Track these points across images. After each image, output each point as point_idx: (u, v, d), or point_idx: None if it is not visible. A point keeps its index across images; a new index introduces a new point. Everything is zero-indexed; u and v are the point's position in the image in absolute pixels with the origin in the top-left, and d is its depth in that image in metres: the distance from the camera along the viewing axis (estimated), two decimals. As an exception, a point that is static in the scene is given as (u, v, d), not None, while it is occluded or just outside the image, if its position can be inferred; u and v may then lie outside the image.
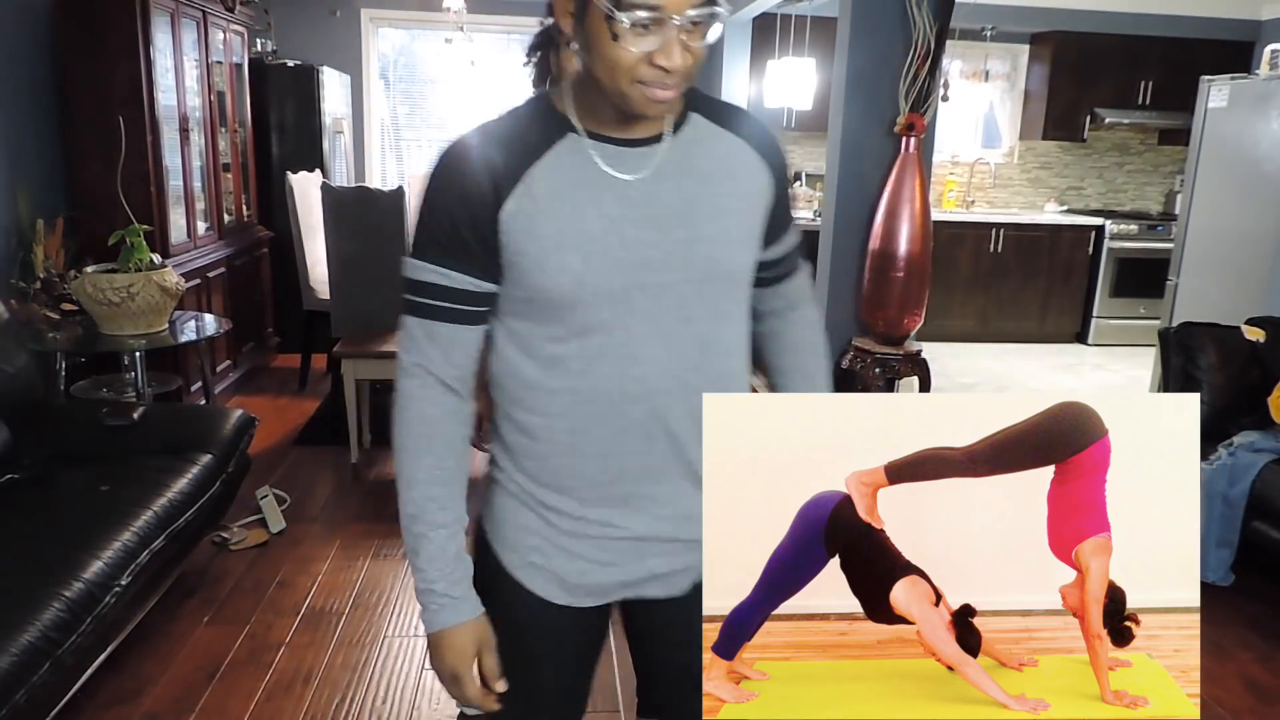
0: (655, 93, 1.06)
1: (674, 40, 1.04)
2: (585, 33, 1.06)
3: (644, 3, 1.01)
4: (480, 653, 1.21)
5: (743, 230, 1.21)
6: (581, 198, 1.12)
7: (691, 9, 1.03)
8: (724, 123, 1.22)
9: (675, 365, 1.17)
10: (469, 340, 1.19)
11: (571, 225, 1.12)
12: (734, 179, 1.20)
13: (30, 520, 2.35)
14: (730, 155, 1.20)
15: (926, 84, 3.81)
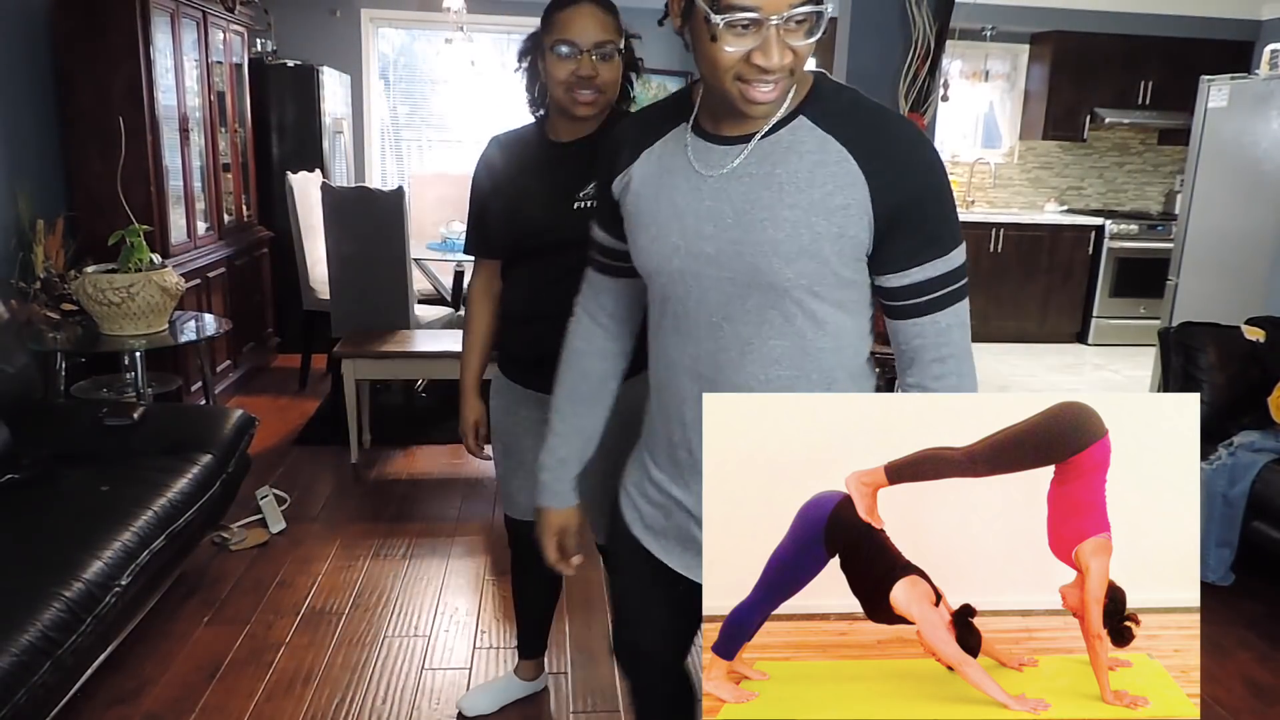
0: (754, 91, 1.09)
1: (773, 39, 1.05)
2: (691, 32, 1.11)
3: (741, 4, 1.03)
4: (561, 534, 1.51)
5: (797, 245, 1.15)
6: (665, 184, 1.23)
7: (790, 8, 1.04)
8: (836, 129, 1.15)
9: (719, 358, 1.25)
10: (610, 288, 1.42)
11: (650, 207, 1.25)
12: (808, 190, 1.14)
13: (30, 520, 2.35)
14: (819, 166, 1.14)
15: (926, 84, 3.81)
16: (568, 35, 1.72)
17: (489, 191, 1.94)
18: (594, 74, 1.74)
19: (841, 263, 1.17)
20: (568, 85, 1.74)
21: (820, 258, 1.16)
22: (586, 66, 1.73)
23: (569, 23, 1.73)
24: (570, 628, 2.79)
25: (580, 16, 1.73)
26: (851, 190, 1.14)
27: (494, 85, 6.76)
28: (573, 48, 1.72)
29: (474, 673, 2.56)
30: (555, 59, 1.74)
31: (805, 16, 1.06)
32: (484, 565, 3.18)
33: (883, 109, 1.21)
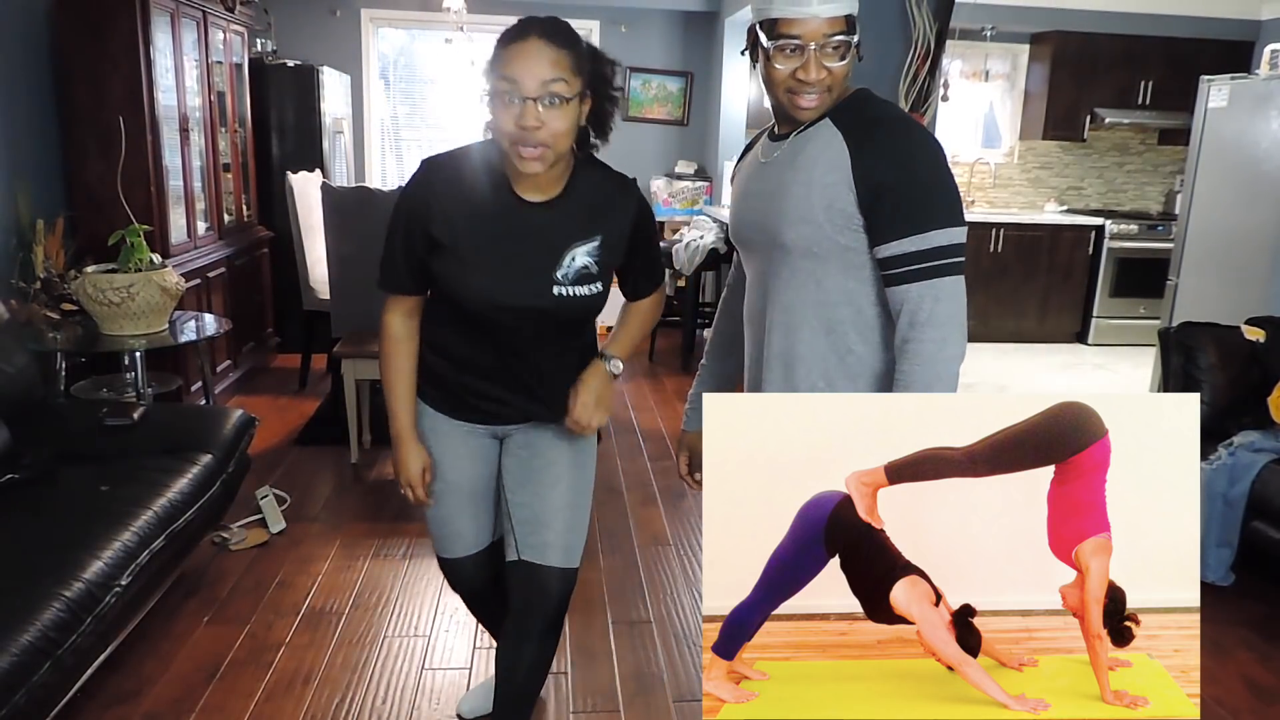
0: (799, 99, 1.47)
1: (812, 60, 1.43)
2: (757, 59, 1.52)
3: (787, 33, 1.42)
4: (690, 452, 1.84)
5: (798, 213, 1.47)
6: (742, 174, 1.68)
7: (825, 36, 1.42)
8: (844, 125, 1.46)
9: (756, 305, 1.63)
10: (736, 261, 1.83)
11: (738, 190, 1.68)
12: (811, 170, 1.46)
13: (30, 520, 2.35)
14: (823, 152, 1.46)
15: (926, 84, 3.81)
16: (509, 72, 1.49)
17: (426, 233, 1.67)
18: (538, 124, 1.49)
19: (835, 229, 1.45)
20: (512, 138, 1.52)
21: (815, 223, 1.46)
22: (531, 115, 1.49)
23: (513, 58, 1.50)
24: (570, 628, 2.79)
25: (525, 56, 1.49)
26: (839, 170, 1.43)
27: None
28: (513, 91, 1.49)
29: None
30: (495, 99, 1.51)
31: (839, 43, 1.43)
32: (484, 565, 3.17)
33: (889, 110, 1.50)
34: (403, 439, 1.82)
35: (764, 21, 1.45)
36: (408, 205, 1.69)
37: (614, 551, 3.29)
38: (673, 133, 6.96)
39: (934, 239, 1.39)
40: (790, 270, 1.52)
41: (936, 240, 1.39)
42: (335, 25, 6.45)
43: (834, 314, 1.51)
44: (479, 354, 1.78)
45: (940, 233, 1.39)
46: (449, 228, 1.66)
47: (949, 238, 1.40)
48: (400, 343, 1.80)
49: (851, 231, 1.45)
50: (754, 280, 1.64)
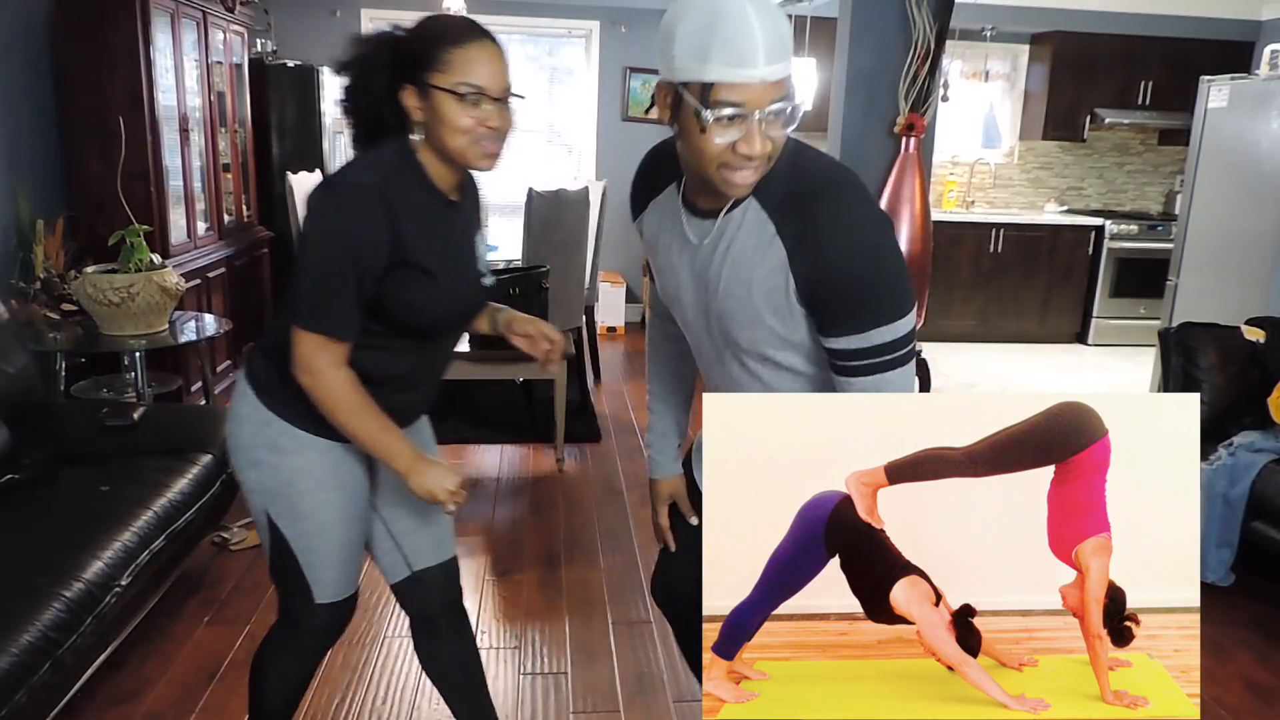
0: (736, 176, 1.23)
1: (755, 131, 1.19)
2: (679, 123, 1.24)
3: (728, 100, 1.17)
4: (672, 499, 1.71)
5: (746, 316, 1.33)
6: (665, 243, 1.45)
7: (771, 103, 1.18)
8: (775, 214, 1.28)
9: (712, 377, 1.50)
10: None
11: (654, 256, 1.49)
12: (751, 269, 1.30)
13: (30, 520, 2.35)
14: (759, 247, 1.29)
15: (926, 84, 3.81)
16: (473, 79, 1.48)
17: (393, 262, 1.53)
18: (500, 125, 1.53)
19: (788, 330, 1.33)
20: (474, 136, 1.51)
21: (766, 327, 1.33)
22: (495, 116, 1.51)
23: (474, 64, 1.49)
24: (570, 628, 2.79)
25: (489, 58, 1.50)
26: (780, 272, 1.28)
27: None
28: (479, 94, 1.49)
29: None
30: (455, 103, 1.48)
31: (781, 110, 1.20)
32: (484, 565, 3.18)
33: (826, 192, 1.28)
34: (418, 462, 1.62)
35: (693, 84, 1.18)
36: (352, 238, 1.49)
37: (614, 551, 3.29)
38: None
39: (877, 336, 1.26)
40: (755, 365, 1.40)
41: (880, 338, 1.27)
42: (335, 25, 6.44)
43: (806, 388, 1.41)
44: (403, 367, 1.68)
45: (884, 329, 1.26)
46: (417, 248, 1.55)
47: (893, 333, 1.27)
48: (352, 382, 1.57)
49: (803, 327, 1.33)
50: (705, 357, 1.49)
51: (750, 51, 1.14)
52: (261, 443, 1.67)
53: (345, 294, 1.51)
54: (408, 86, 1.51)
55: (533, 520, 3.55)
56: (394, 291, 1.55)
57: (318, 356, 1.53)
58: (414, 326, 1.62)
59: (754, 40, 1.14)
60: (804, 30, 6.19)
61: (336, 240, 1.49)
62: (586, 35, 6.69)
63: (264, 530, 1.73)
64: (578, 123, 6.94)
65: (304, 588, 1.74)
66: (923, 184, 3.88)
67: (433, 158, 1.57)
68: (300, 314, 1.52)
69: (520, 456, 4.22)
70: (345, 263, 1.49)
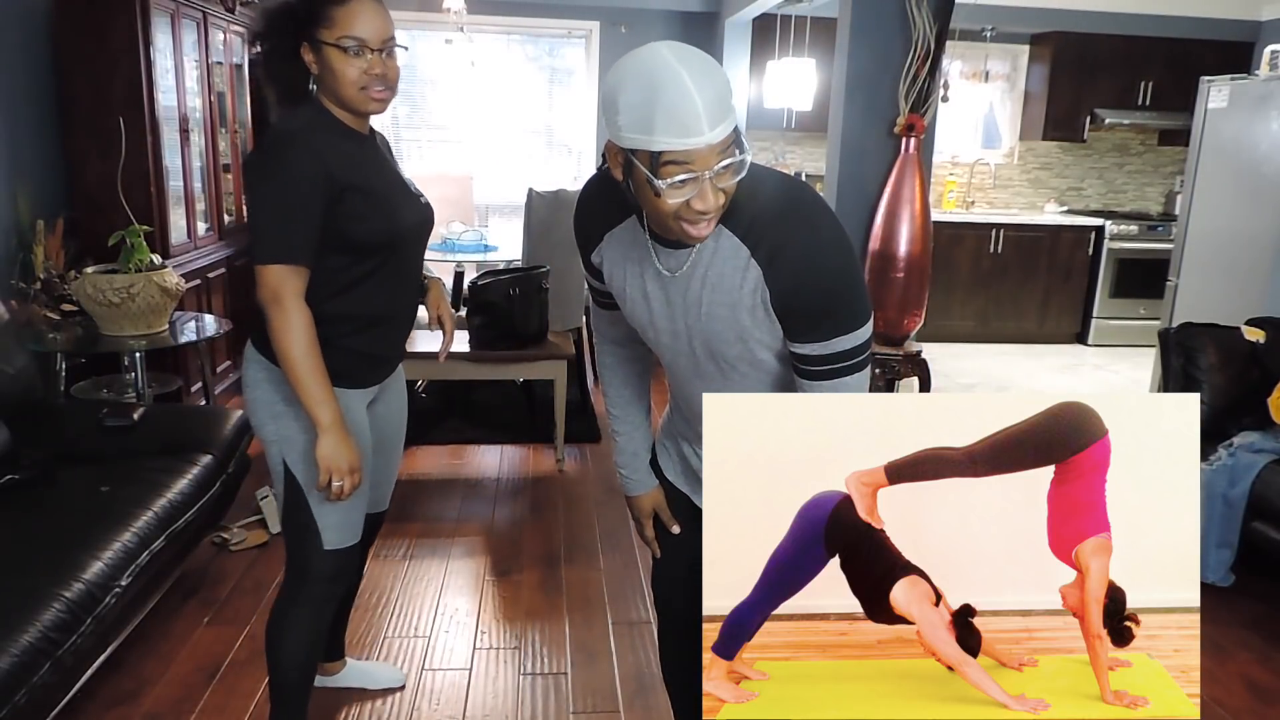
0: (692, 230, 1.28)
1: (706, 188, 1.23)
2: (633, 185, 1.28)
3: (677, 165, 1.20)
4: (656, 511, 1.75)
5: (732, 334, 1.40)
6: (633, 272, 1.46)
7: (718, 163, 1.22)
8: (748, 238, 1.34)
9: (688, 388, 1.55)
10: (611, 318, 1.67)
11: (621, 285, 1.50)
12: (732, 291, 1.36)
13: (30, 520, 2.35)
14: (736, 270, 1.35)
15: (926, 85, 3.81)
16: (355, 32, 1.69)
17: (336, 189, 1.73)
18: (384, 71, 1.73)
19: (773, 340, 1.40)
20: (361, 84, 1.72)
21: (752, 340, 1.40)
22: (379, 65, 1.72)
23: (354, 18, 1.69)
24: (570, 628, 2.79)
25: (369, 12, 1.70)
26: (760, 291, 1.35)
27: (494, 85, 6.76)
28: (361, 45, 1.70)
29: (474, 673, 2.56)
30: (342, 56, 1.70)
31: (731, 164, 1.23)
32: (484, 565, 3.18)
33: (787, 211, 1.34)
34: (339, 425, 1.76)
35: (640, 151, 1.21)
36: (291, 173, 1.68)
37: (614, 551, 3.29)
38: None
39: (838, 344, 1.36)
40: (738, 373, 1.47)
41: (841, 345, 1.36)
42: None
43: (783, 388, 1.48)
44: (385, 301, 1.88)
45: (846, 338, 1.36)
46: (353, 174, 1.75)
47: (853, 340, 1.36)
48: (311, 324, 1.74)
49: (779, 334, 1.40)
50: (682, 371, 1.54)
51: (693, 120, 1.17)
52: (280, 397, 1.85)
53: (298, 223, 1.70)
54: (305, 44, 1.73)
55: (533, 520, 3.55)
56: (345, 214, 1.74)
57: (284, 286, 1.71)
58: (374, 240, 1.80)
59: (695, 109, 1.17)
60: (804, 31, 6.20)
61: (280, 179, 1.69)
62: (586, 36, 6.68)
63: (280, 480, 1.91)
64: (577, 123, 6.94)
65: (313, 534, 1.91)
66: (923, 184, 3.88)
67: (334, 106, 1.78)
68: (260, 251, 1.71)
69: (520, 457, 4.22)
70: (293, 198, 1.69)
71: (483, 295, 3.82)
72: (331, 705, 2.39)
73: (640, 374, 1.78)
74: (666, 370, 1.59)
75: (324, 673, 2.42)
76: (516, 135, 6.93)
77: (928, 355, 3.99)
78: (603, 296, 1.63)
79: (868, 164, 3.95)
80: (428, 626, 2.79)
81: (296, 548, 1.95)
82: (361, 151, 1.82)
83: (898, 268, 3.88)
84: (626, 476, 1.76)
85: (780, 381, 1.47)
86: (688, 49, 1.21)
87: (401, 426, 2.18)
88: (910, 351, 3.94)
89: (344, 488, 1.78)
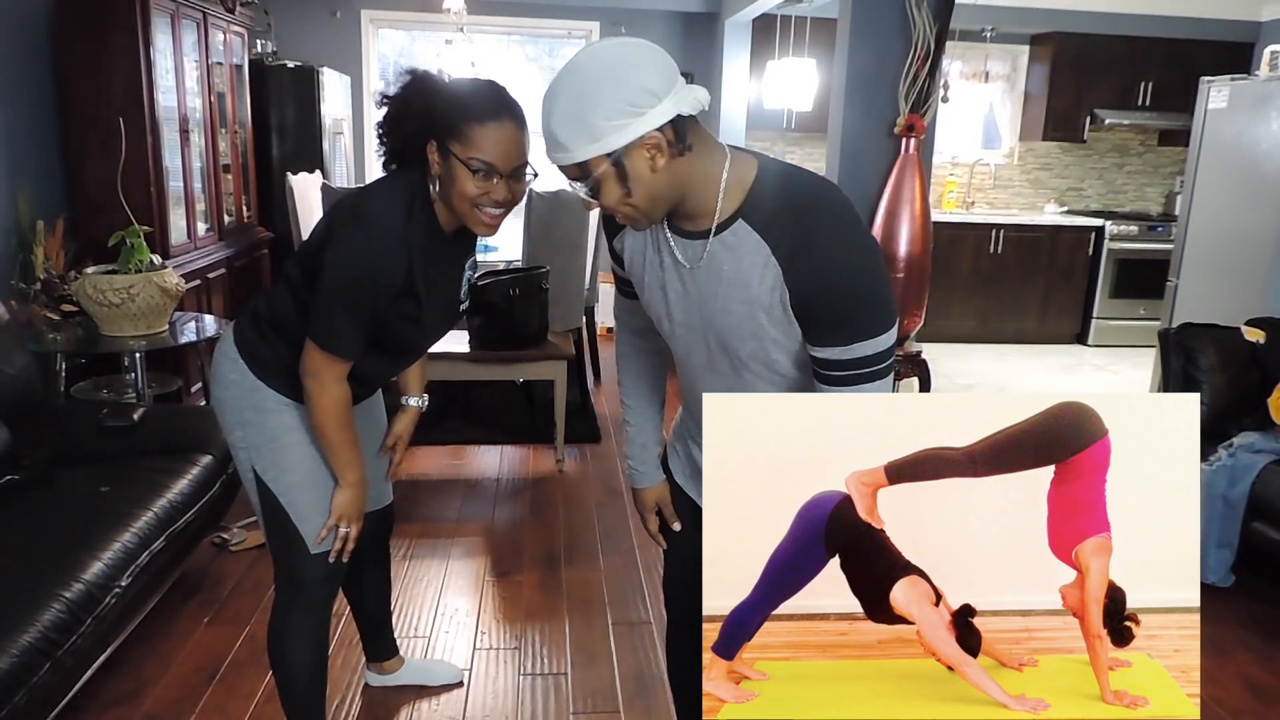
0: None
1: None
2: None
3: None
4: (660, 505, 1.75)
5: (747, 330, 1.38)
6: (652, 262, 1.47)
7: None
8: (767, 233, 1.32)
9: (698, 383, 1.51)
10: (632, 307, 1.66)
11: (639, 275, 1.51)
12: (749, 288, 1.34)
13: (30, 521, 2.35)
14: (754, 266, 1.33)
15: (926, 85, 3.81)
16: (487, 157, 1.60)
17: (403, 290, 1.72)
18: (509, 197, 1.66)
19: (789, 340, 1.37)
20: (476, 202, 1.64)
21: (768, 339, 1.37)
22: (502, 191, 1.64)
23: (488, 142, 1.61)
24: (570, 628, 2.79)
25: (507, 139, 1.62)
26: (778, 289, 1.32)
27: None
28: (491, 170, 1.61)
29: (474, 673, 2.56)
30: (466, 174, 1.61)
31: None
32: (484, 565, 3.18)
33: (812, 209, 1.32)
34: (361, 484, 1.90)
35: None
36: (376, 278, 1.67)
37: (614, 551, 3.29)
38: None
39: (860, 349, 1.32)
40: (751, 373, 1.44)
41: (862, 351, 1.32)
42: (335, 26, 6.45)
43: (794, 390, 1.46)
44: (371, 370, 1.88)
45: (866, 343, 1.32)
46: (421, 281, 1.73)
47: (875, 346, 1.32)
48: (347, 398, 1.80)
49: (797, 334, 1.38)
50: (694, 366, 1.52)
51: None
52: (249, 405, 1.87)
53: (358, 324, 1.71)
54: (432, 141, 1.65)
55: (532, 521, 3.55)
56: (393, 311, 1.73)
57: (326, 370, 1.75)
58: (393, 346, 1.84)
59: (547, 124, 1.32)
60: (804, 31, 6.20)
61: (362, 278, 1.67)
62: (586, 36, 6.69)
63: (252, 487, 1.91)
64: (578, 123, 6.93)
65: (297, 540, 1.90)
66: (923, 185, 3.88)
67: (442, 208, 1.73)
68: (318, 333, 1.72)
69: (520, 457, 4.22)
70: (365, 298, 1.68)
71: (483, 295, 3.82)
72: (332, 705, 2.38)
73: (657, 368, 1.76)
74: (679, 365, 1.57)
75: (381, 671, 2.46)
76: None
77: (928, 355, 3.99)
78: (625, 284, 1.63)
79: (868, 164, 3.95)
80: (428, 627, 2.78)
81: (282, 555, 1.94)
82: (440, 255, 1.77)
83: (898, 268, 3.88)
84: (634, 468, 1.76)
85: (794, 388, 1.44)
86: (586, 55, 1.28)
87: (380, 426, 2.19)
88: (910, 351, 3.94)
89: (350, 535, 1.91)
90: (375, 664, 2.46)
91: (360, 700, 2.42)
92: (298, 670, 2.00)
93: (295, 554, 1.92)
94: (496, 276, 3.92)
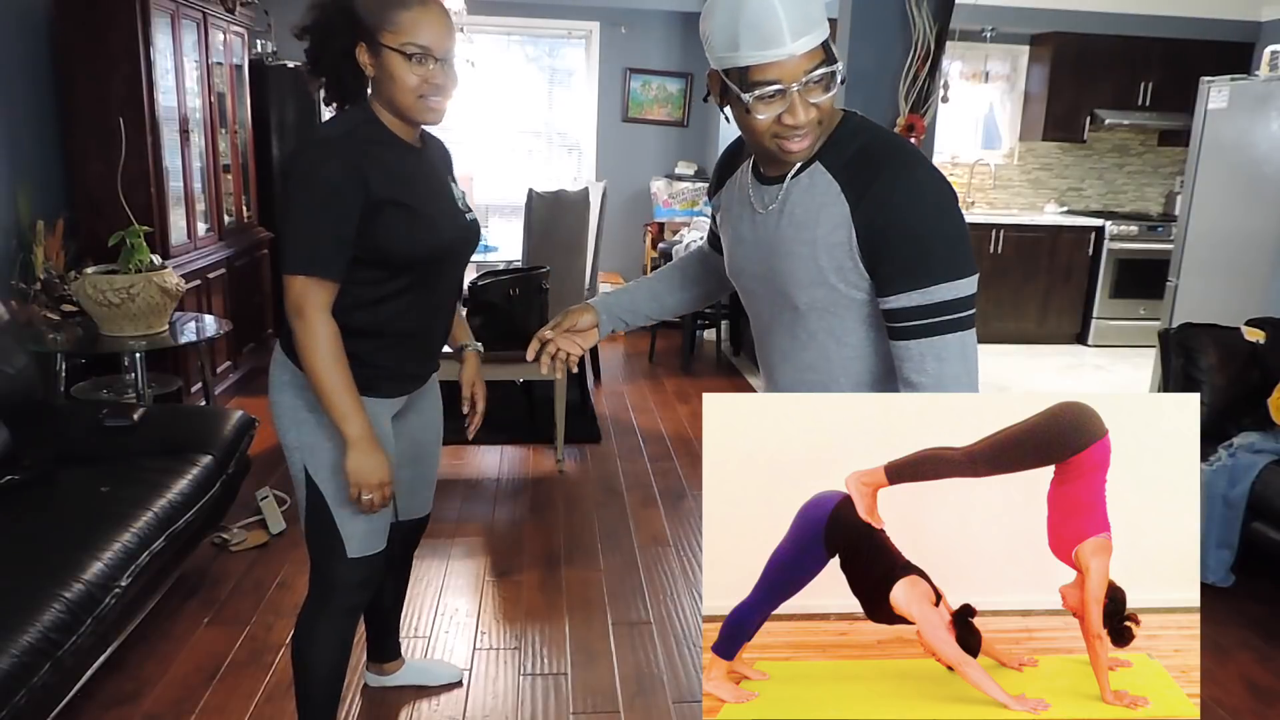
0: (789, 144, 1.31)
1: (796, 102, 1.27)
2: (731, 108, 1.33)
3: (764, 79, 1.25)
4: (571, 324, 1.68)
5: (808, 275, 1.36)
6: (735, 213, 1.50)
7: (805, 74, 1.25)
8: (841, 175, 1.33)
9: (770, 359, 1.53)
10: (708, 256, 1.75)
11: (725, 229, 1.54)
12: (813, 228, 1.34)
13: (30, 521, 2.35)
14: (823, 207, 1.33)
15: (926, 85, 3.81)
16: (420, 39, 1.63)
17: (373, 203, 1.68)
18: (445, 81, 1.68)
19: (849, 288, 1.35)
20: (419, 92, 1.66)
21: (828, 285, 1.35)
22: (440, 74, 1.66)
23: (419, 25, 1.63)
24: (570, 628, 2.79)
25: (433, 20, 1.65)
26: (843, 228, 1.31)
27: (494, 85, 6.75)
28: (425, 53, 1.63)
29: (474, 673, 2.56)
30: (403, 62, 1.62)
31: (822, 76, 1.27)
32: (484, 566, 3.18)
33: (891, 153, 1.32)
34: (368, 439, 1.73)
35: (731, 70, 1.27)
36: (328, 184, 1.63)
37: (614, 552, 3.29)
38: (672, 134, 6.97)
39: (937, 293, 1.26)
40: (808, 332, 1.42)
41: (940, 295, 1.26)
42: (335, 26, 6.44)
43: (858, 367, 1.41)
44: (417, 318, 1.84)
45: (945, 286, 1.26)
46: (392, 187, 1.70)
47: (954, 291, 1.27)
48: (337, 336, 1.71)
49: (865, 286, 1.34)
50: (763, 326, 1.53)
51: (775, 32, 1.22)
52: (304, 403, 1.81)
53: (327, 235, 1.65)
54: (361, 45, 1.66)
55: (532, 521, 3.55)
56: (382, 228, 1.69)
57: (307, 298, 1.67)
58: (408, 257, 1.75)
59: (777, 20, 1.22)
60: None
61: (314, 188, 1.64)
62: (586, 36, 6.69)
63: (301, 488, 1.86)
64: (578, 124, 6.94)
65: (337, 543, 1.87)
66: (923, 185, 3.87)
67: (386, 112, 1.73)
68: (288, 260, 1.67)
69: (520, 457, 4.22)
70: (324, 207, 1.64)
71: (483, 295, 3.82)
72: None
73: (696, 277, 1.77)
74: (753, 329, 1.57)
75: (381, 673, 2.45)
76: (516, 135, 6.93)
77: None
78: (714, 238, 1.69)
79: (868, 164, 3.94)
80: (428, 627, 2.78)
81: (320, 557, 1.90)
82: (407, 163, 1.76)
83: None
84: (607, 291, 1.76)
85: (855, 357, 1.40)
86: None
87: (437, 434, 2.16)
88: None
89: (374, 501, 1.77)
90: (375, 664, 2.45)
91: (360, 700, 2.42)
92: (320, 671, 1.98)
93: (334, 556, 1.88)
94: (496, 276, 3.91)
